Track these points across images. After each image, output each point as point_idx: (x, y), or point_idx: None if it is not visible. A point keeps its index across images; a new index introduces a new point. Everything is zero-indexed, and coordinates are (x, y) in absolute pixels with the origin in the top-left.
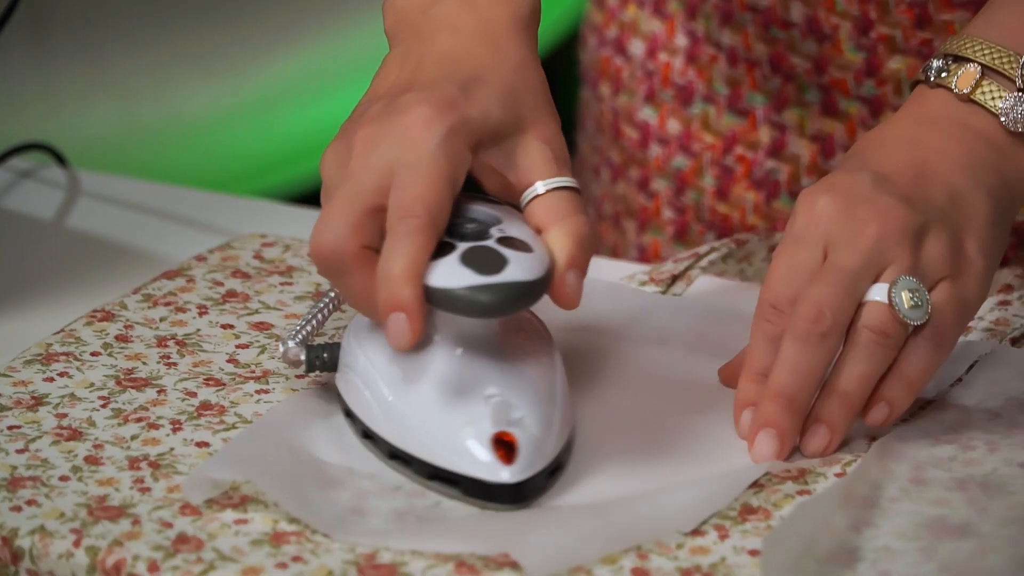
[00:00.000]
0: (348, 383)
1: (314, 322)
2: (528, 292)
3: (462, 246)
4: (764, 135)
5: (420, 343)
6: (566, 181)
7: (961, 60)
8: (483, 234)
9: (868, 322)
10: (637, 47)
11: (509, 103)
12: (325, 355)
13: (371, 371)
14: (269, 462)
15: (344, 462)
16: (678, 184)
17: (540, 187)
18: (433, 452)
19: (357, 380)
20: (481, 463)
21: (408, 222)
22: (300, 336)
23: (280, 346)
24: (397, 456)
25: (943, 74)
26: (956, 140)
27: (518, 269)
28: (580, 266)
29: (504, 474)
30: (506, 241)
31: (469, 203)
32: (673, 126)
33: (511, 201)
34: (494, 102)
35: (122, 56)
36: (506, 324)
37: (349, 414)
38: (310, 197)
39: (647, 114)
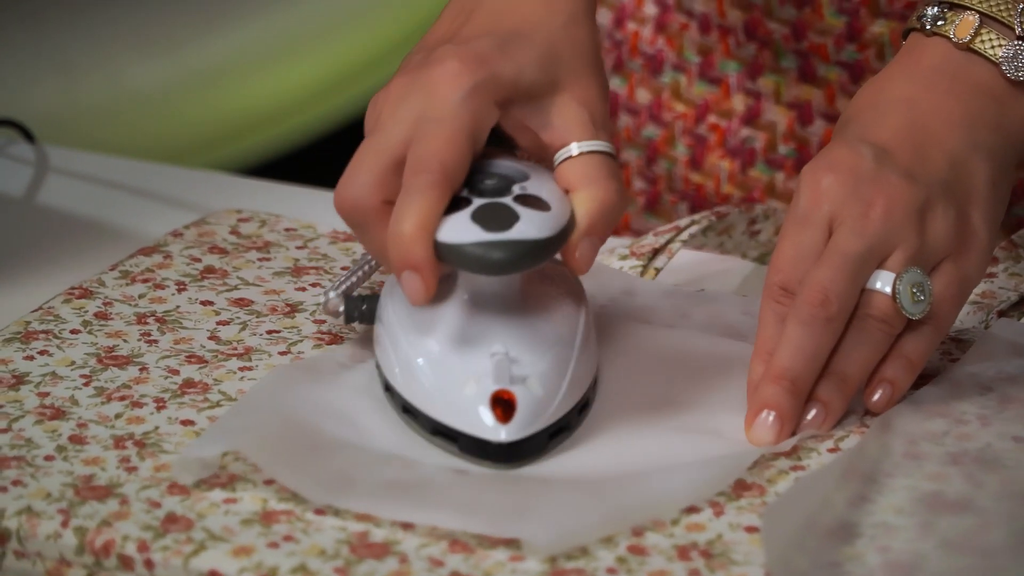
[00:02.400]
0: (377, 336)
1: (359, 274)
2: (535, 251)
3: (477, 202)
4: (738, 103)
5: (438, 297)
6: (601, 145)
7: (957, 8)
8: (504, 190)
9: (871, 311)
10: (603, 16)
11: (549, 62)
12: (364, 307)
13: (393, 324)
14: (257, 433)
15: (336, 429)
16: (649, 154)
17: (574, 148)
18: (437, 407)
19: (383, 333)
20: (478, 420)
21: (422, 178)
22: (343, 287)
23: (323, 296)
24: (408, 411)
25: (939, 22)
26: (954, 97)
27: (528, 227)
28: (599, 233)
29: (501, 433)
30: (524, 199)
31: (502, 159)
32: (643, 96)
33: (544, 161)
34: (532, 60)
35: (63, 30)
36: (531, 279)
37: (378, 366)
38: (264, 169)
39: (615, 84)
